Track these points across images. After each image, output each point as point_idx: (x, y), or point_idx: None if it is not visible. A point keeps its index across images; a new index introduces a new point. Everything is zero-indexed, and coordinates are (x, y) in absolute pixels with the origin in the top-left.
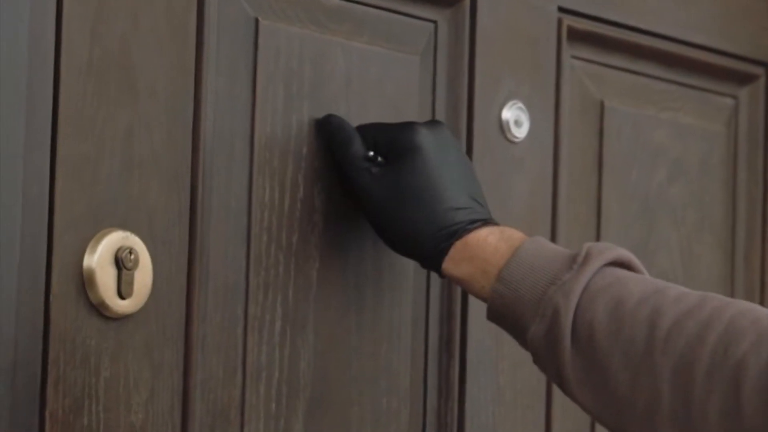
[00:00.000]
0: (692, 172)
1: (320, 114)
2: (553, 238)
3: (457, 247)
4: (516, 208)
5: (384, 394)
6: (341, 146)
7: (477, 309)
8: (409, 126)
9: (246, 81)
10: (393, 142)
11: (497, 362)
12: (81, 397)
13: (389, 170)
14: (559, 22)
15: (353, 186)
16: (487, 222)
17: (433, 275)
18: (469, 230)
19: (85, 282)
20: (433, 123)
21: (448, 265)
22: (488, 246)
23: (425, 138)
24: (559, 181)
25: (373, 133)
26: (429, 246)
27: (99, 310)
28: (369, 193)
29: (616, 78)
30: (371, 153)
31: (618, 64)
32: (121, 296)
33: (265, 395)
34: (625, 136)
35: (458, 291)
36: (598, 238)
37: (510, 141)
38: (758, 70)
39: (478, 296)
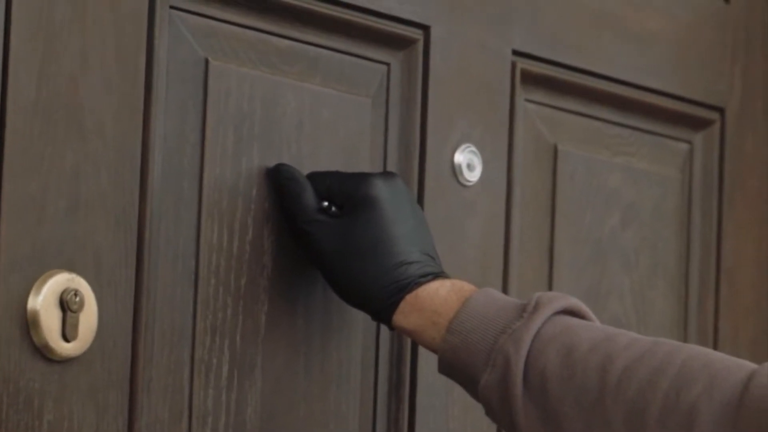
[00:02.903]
0: (646, 217)
1: (271, 156)
2: (505, 282)
3: (408, 300)
4: (468, 252)
5: None
6: (292, 198)
7: (428, 352)
8: (364, 177)
9: (195, 122)
10: (348, 193)
11: (448, 407)
12: None
13: (342, 222)
14: (513, 65)
15: (305, 238)
16: (438, 275)
17: None
18: (420, 283)
19: (29, 324)
20: (388, 175)
21: (398, 317)
22: (438, 298)
23: (381, 191)
24: (512, 224)
25: (327, 182)
26: (380, 299)
27: (43, 352)
28: (321, 245)
29: (570, 122)
30: (325, 203)
31: (572, 108)
32: (66, 339)
33: None
34: (578, 180)
35: None
36: (550, 282)
37: (462, 184)
38: (713, 116)
39: (428, 348)
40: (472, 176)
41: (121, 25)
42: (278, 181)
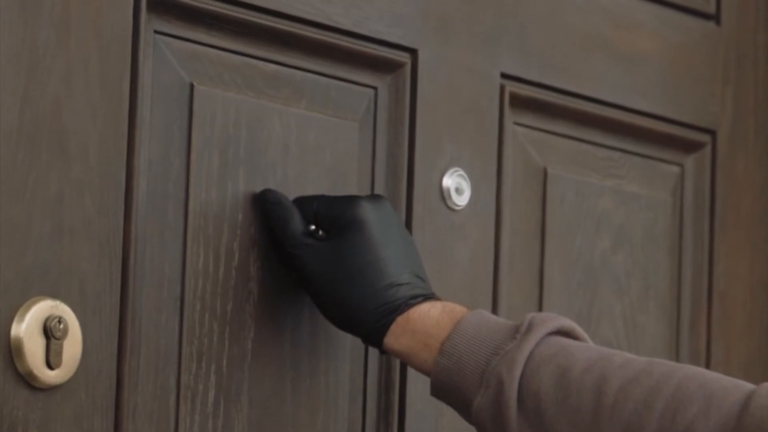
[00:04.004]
0: (637, 240)
1: (256, 181)
2: (495, 307)
3: (399, 321)
4: (457, 276)
5: None
6: (279, 223)
7: (416, 377)
8: (352, 200)
9: (180, 146)
10: (335, 216)
11: None
12: None
13: (331, 245)
14: (502, 88)
15: (293, 262)
16: (428, 297)
17: None
18: (411, 305)
19: (12, 352)
20: (375, 197)
21: (390, 340)
22: (430, 319)
23: (368, 213)
24: (501, 248)
25: (314, 206)
26: (370, 322)
27: (27, 380)
28: (310, 269)
29: (559, 145)
30: (312, 227)
31: (561, 131)
32: (50, 366)
33: None
34: (568, 203)
35: (397, 359)
36: (540, 307)
37: (451, 208)
38: (704, 138)
39: (420, 370)
40: (461, 200)
41: (105, 49)
42: (265, 206)
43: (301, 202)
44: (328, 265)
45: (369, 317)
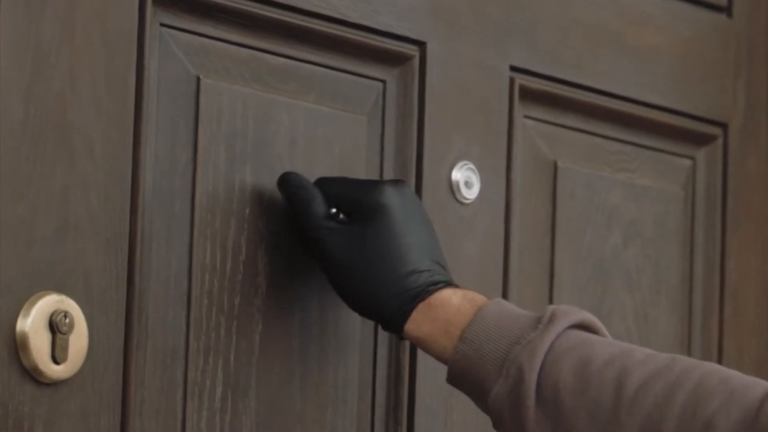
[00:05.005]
0: (648, 234)
1: (264, 175)
2: None
3: (420, 308)
4: (466, 270)
5: None
6: (302, 205)
7: (426, 373)
8: (375, 184)
9: (187, 140)
10: (358, 200)
11: (446, 429)
12: None
13: (353, 229)
14: (511, 81)
15: (315, 245)
16: (448, 284)
17: (381, 338)
18: (432, 291)
19: (18, 346)
20: (398, 182)
21: (410, 326)
22: (451, 306)
23: (391, 198)
24: (511, 243)
25: (336, 189)
26: (391, 308)
27: (32, 375)
28: (331, 253)
29: (569, 138)
30: (333, 210)
31: (572, 124)
32: (56, 361)
33: None
34: (578, 197)
35: (406, 354)
36: (550, 302)
37: (460, 202)
38: (716, 131)
39: (439, 358)
40: (470, 194)
41: (110, 43)
42: (287, 189)
43: (323, 184)
44: (350, 251)
45: (391, 303)
